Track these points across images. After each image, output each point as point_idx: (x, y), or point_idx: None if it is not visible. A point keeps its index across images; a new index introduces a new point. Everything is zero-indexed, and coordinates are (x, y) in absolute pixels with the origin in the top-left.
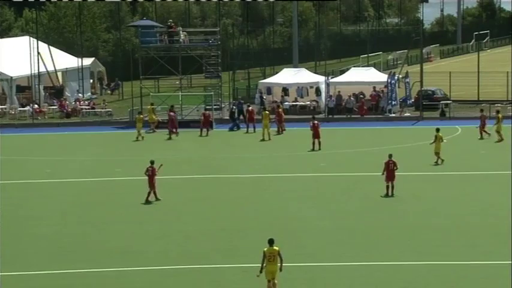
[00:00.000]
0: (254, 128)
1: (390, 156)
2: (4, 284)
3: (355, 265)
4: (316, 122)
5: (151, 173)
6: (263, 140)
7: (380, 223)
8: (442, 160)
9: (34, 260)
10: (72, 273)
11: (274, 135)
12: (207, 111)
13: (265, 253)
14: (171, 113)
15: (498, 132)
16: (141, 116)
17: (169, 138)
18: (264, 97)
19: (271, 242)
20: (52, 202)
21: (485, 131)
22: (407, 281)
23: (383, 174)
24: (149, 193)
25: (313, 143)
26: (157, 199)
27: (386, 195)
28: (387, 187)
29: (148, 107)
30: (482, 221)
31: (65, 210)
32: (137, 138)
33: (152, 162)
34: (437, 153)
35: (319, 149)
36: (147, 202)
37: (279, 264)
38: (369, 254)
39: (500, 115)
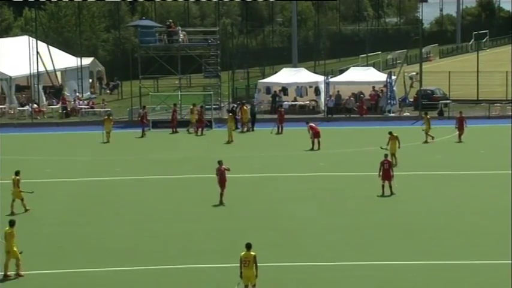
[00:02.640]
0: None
1: (386, 156)
2: (4, 284)
3: (354, 265)
4: (312, 124)
5: (221, 173)
6: (228, 142)
7: (380, 223)
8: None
9: (34, 260)
10: (72, 273)
11: (275, 135)
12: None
13: (240, 258)
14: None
15: (426, 133)
16: (110, 117)
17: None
18: (278, 98)
19: (248, 246)
20: (52, 202)
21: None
22: (406, 281)
23: (379, 175)
24: (220, 193)
25: (313, 143)
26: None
27: (382, 195)
28: (383, 187)
29: (191, 107)
30: (482, 220)
31: (64, 210)
32: (108, 139)
33: (220, 163)
34: (393, 154)
35: (319, 149)
36: (221, 203)
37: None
38: (368, 253)
39: (428, 116)
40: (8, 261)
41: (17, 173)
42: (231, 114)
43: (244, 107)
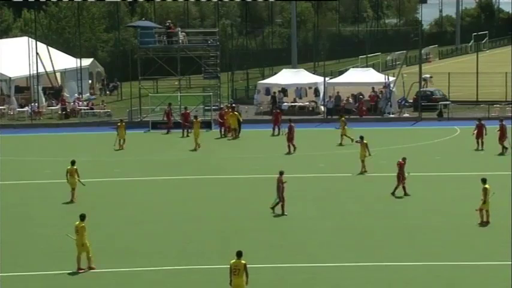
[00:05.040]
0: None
1: (404, 159)
2: (4, 285)
3: (355, 266)
4: (292, 124)
5: (280, 183)
6: (194, 149)
7: (379, 223)
8: (365, 170)
9: (34, 261)
10: (72, 274)
11: (271, 136)
12: (187, 111)
13: (230, 265)
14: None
15: (344, 135)
16: (123, 123)
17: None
18: (278, 99)
19: (238, 254)
20: (51, 203)
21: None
22: (406, 281)
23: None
24: (280, 204)
25: (289, 146)
26: (283, 213)
27: (392, 194)
28: (396, 187)
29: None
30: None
31: (64, 211)
32: (122, 146)
33: (281, 173)
34: (362, 161)
35: (294, 151)
36: (283, 213)
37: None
38: (368, 254)
39: (343, 118)
40: (80, 254)
41: (73, 163)
42: (197, 120)
43: (235, 112)
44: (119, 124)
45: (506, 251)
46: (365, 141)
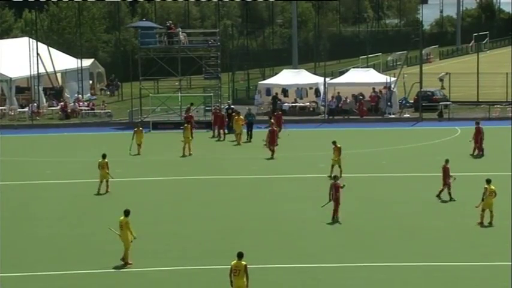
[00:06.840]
0: (223, 132)
1: (446, 161)
2: (4, 286)
3: (354, 266)
4: (274, 128)
5: (336, 189)
6: (184, 155)
7: (379, 223)
8: (341, 172)
9: (34, 262)
10: (72, 275)
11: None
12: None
13: (231, 266)
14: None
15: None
16: (140, 128)
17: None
18: (279, 100)
19: (239, 255)
20: (52, 203)
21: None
22: (406, 282)
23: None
24: (335, 211)
25: (271, 150)
26: (335, 220)
27: (438, 197)
28: (441, 191)
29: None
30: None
31: (65, 211)
32: (139, 152)
33: (335, 178)
34: (332, 166)
35: (272, 156)
36: (334, 221)
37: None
38: (368, 255)
39: (272, 121)
40: (127, 250)
41: (104, 156)
42: (187, 125)
43: (240, 116)
44: (135, 129)
45: (506, 251)
46: (339, 145)
